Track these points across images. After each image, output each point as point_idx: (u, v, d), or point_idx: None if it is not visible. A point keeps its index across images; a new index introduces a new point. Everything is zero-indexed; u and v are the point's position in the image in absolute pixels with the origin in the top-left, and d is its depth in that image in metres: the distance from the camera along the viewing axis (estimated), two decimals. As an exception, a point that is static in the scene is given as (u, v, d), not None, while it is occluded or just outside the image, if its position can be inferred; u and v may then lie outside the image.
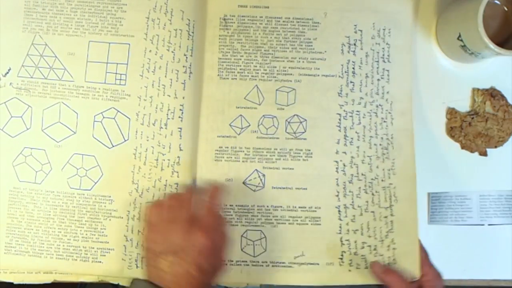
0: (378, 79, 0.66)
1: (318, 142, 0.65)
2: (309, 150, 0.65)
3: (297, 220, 0.64)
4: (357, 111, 0.65)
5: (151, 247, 0.58)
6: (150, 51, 0.64)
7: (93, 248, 0.63)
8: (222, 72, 0.65)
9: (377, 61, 0.66)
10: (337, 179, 0.65)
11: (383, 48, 0.66)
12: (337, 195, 0.65)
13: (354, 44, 0.66)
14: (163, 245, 0.57)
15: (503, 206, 0.65)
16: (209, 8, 0.66)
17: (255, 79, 0.65)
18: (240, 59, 0.65)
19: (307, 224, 0.65)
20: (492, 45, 0.57)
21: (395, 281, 0.59)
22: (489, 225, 0.66)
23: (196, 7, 0.65)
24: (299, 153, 0.65)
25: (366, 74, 0.66)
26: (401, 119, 0.65)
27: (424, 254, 0.62)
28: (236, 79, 0.65)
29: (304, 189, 0.65)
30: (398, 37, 0.66)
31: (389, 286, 0.59)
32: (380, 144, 0.65)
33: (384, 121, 0.65)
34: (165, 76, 0.64)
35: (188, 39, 0.64)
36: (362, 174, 0.65)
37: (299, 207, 0.65)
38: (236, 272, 0.64)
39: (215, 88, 0.65)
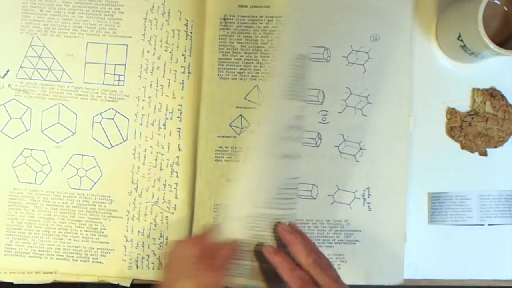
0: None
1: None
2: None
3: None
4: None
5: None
6: (148, 51, 0.64)
7: (93, 248, 0.63)
8: (222, 72, 0.65)
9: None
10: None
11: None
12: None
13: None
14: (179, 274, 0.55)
15: (503, 206, 0.65)
16: (209, 8, 0.65)
17: (255, 79, 0.65)
18: (240, 59, 0.65)
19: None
20: (492, 45, 0.57)
21: (280, 262, 0.56)
22: (489, 225, 0.66)
23: (194, 7, 0.65)
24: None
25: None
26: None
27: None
28: (236, 79, 0.65)
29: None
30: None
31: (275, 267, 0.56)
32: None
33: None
34: (163, 76, 0.64)
35: (186, 39, 0.64)
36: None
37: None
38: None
39: (215, 88, 0.65)
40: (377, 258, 0.65)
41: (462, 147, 0.66)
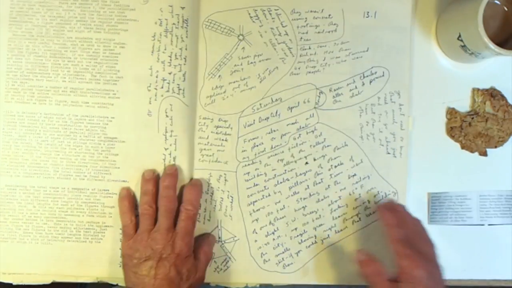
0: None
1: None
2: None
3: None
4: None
5: (132, 255, 0.58)
6: None
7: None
8: None
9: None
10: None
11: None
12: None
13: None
14: (144, 252, 0.58)
15: (503, 206, 0.65)
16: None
17: None
18: None
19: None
20: (492, 45, 0.57)
21: (372, 274, 0.55)
22: (489, 225, 0.66)
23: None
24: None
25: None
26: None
27: (399, 245, 0.55)
28: None
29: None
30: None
31: (365, 277, 0.56)
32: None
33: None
34: None
35: None
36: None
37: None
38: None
39: None
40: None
41: (462, 147, 0.66)
